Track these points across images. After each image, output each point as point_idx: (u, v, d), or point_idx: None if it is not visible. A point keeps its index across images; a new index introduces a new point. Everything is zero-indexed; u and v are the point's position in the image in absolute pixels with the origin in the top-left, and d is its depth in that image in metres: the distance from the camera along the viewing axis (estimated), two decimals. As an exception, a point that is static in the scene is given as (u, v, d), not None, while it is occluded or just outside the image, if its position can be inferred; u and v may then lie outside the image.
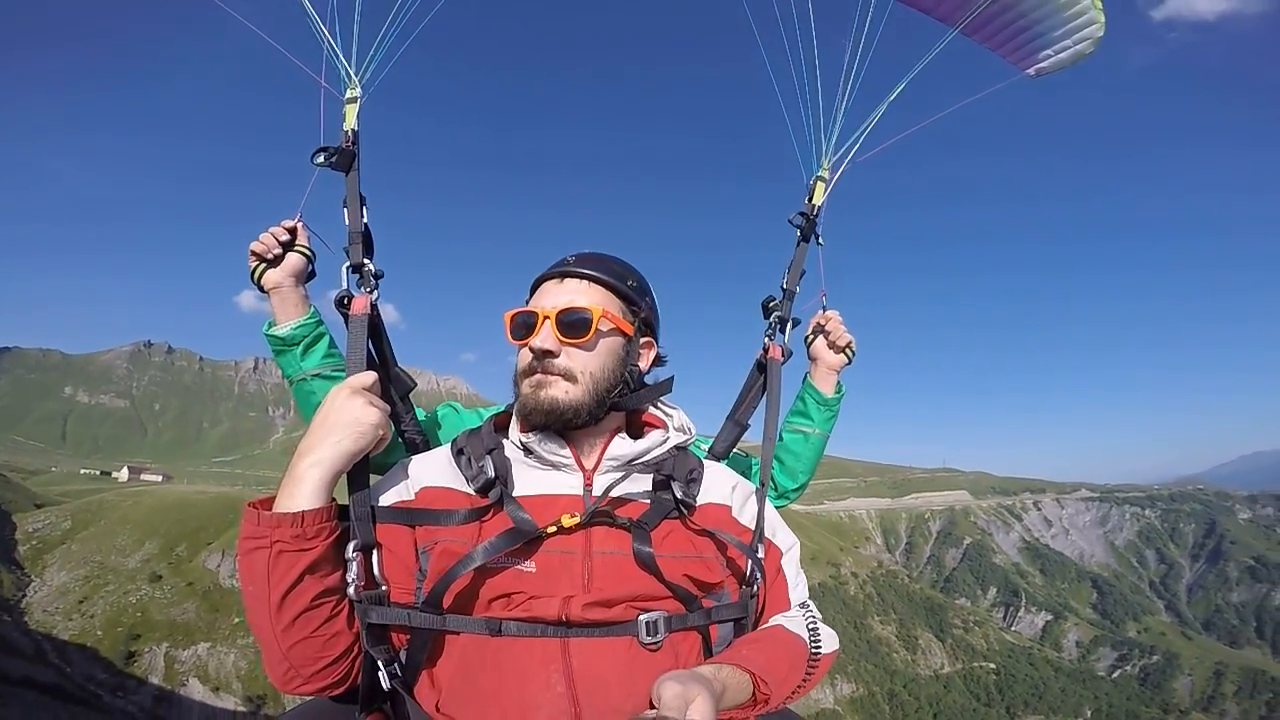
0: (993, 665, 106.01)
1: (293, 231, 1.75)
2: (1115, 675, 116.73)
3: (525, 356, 1.36)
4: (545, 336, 1.33)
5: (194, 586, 63.22)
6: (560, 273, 1.43)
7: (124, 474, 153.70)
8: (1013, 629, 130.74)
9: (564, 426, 1.34)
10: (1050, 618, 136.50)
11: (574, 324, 1.34)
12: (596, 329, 1.34)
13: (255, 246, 1.72)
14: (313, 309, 1.80)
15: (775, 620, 1.44)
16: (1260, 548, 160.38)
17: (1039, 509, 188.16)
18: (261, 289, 1.76)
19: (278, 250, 1.73)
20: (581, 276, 1.41)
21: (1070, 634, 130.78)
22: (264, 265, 1.73)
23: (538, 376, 1.34)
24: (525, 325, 1.37)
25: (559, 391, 1.32)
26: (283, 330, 1.76)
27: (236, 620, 58.83)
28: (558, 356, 1.34)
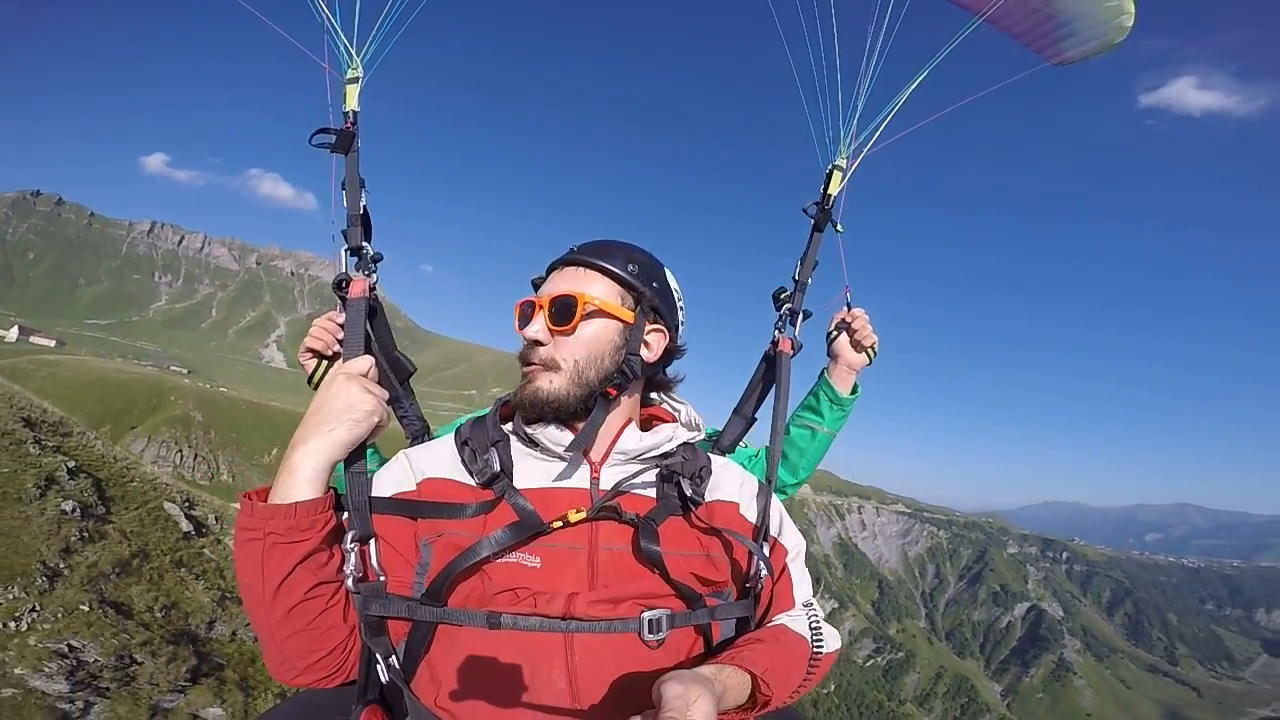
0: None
1: (343, 326, 1.60)
2: (868, 664, 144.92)
3: (522, 344, 1.37)
4: (529, 326, 1.34)
5: (120, 472, 66.41)
6: (561, 261, 1.41)
7: (13, 334, 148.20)
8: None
9: (555, 417, 1.32)
10: (836, 605, 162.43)
11: (560, 311, 1.32)
12: (580, 316, 1.32)
13: (312, 344, 1.63)
14: None
15: (779, 619, 1.42)
16: (1009, 579, 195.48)
17: (860, 513, 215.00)
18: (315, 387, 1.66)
19: (336, 347, 1.61)
20: (578, 264, 1.38)
21: (847, 623, 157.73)
22: (325, 363, 1.66)
23: (526, 370, 1.35)
24: (525, 315, 1.37)
25: (543, 383, 1.32)
26: None
27: (161, 510, 62.94)
28: (544, 345, 1.33)
